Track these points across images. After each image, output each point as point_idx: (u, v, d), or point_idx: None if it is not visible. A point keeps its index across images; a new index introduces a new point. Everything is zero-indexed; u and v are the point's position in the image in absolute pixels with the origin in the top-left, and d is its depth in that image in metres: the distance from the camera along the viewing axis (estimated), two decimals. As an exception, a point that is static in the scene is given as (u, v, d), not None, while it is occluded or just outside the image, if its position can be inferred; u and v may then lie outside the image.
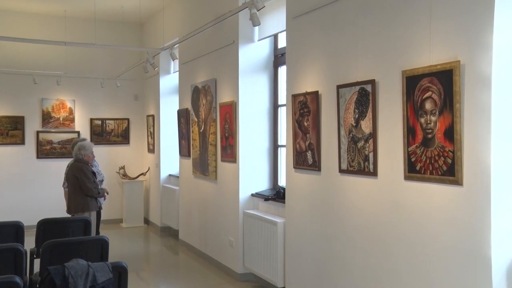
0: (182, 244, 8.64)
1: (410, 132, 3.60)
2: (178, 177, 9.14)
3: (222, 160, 6.94)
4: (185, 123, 8.43)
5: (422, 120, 3.48)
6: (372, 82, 3.99)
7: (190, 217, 8.26)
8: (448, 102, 3.26)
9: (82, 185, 6.37)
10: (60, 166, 8.27)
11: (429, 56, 3.44)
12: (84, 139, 7.26)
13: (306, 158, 4.98)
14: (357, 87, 4.15)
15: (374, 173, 4.01)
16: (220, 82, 7.01)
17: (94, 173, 6.63)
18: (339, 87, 4.39)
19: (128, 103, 10.96)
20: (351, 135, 4.26)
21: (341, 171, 4.43)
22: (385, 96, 3.89)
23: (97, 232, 6.80)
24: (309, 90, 4.91)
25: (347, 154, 4.32)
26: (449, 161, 3.28)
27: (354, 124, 4.21)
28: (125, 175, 10.64)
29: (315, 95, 4.79)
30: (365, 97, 4.07)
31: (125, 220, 10.56)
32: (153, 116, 10.32)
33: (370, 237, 4.12)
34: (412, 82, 3.55)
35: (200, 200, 7.79)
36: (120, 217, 10.81)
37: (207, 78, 7.42)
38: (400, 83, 3.69)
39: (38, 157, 10.13)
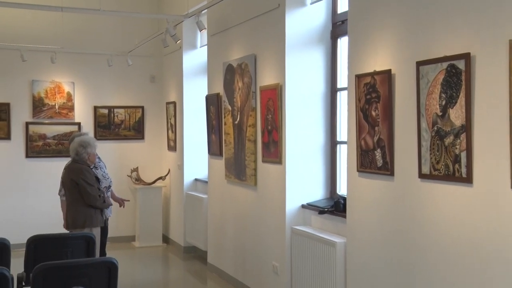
0: (212, 270, 8.68)
1: (518, 124, 3.52)
2: (206, 182, 9.18)
3: (263, 161, 6.94)
4: (215, 113, 8.44)
5: (536, 107, 3.39)
6: (466, 57, 3.91)
7: (222, 235, 8.29)
8: None
9: (82, 192, 6.46)
10: (56, 167, 8.37)
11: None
12: (85, 134, 7.35)
13: (374, 158, 4.95)
14: (445, 64, 4.09)
15: (468, 179, 3.94)
16: (261, 59, 7.00)
17: (97, 179, 6.70)
18: (419, 64, 4.35)
19: (142, 86, 11.08)
20: (435, 128, 4.21)
21: (421, 176, 4.38)
22: (484, 75, 3.82)
23: (103, 253, 6.89)
24: (379, 68, 4.87)
25: (430, 154, 4.27)
26: None
27: (440, 114, 4.16)
28: (138, 180, 10.75)
29: (387, 75, 4.74)
30: (455, 77, 4.01)
31: (138, 238, 10.69)
32: (174, 103, 10.40)
33: (464, 266, 4.04)
34: (523, 57, 3.46)
35: (235, 212, 7.81)
36: (132, 233, 10.95)
37: (244, 54, 7.42)
38: (506, 58, 3.61)
39: (27, 155, 10.34)
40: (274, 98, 6.62)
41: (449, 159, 4.10)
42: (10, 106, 10.22)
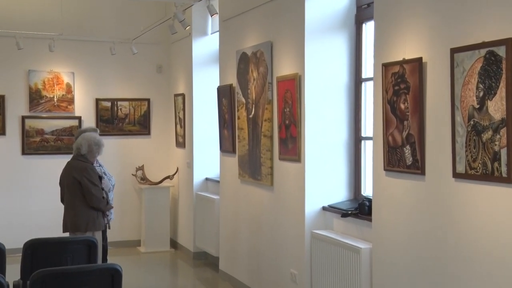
0: (224, 278, 8.69)
1: None
2: (218, 182, 9.20)
3: (280, 159, 6.93)
4: (228, 106, 8.45)
5: None
6: (507, 43, 3.87)
7: (235, 240, 8.30)
8: None
9: (86, 192, 6.48)
10: (55, 165, 8.39)
11: None
12: (94, 129, 7.38)
13: (403, 156, 4.94)
14: (483, 51, 4.06)
15: (508, 179, 3.91)
16: (278, 47, 6.99)
17: (100, 178, 6.73)
18: (454, 51, 4.31)
19: (148, 77, 11.10)
20: (472, 123, 4.19)
21: (456, 175, 4.36)
22: (526, 63, 3.78)
23: (104, 260, 6.91)
24: (408, 56, 4.85)
25: (466, 151, 4.24)
26: None
27: (477, 106, 4.13)
28: (144, 179, 10.78)
29: (418, 63, 4.73)
30: (495, 65, 3.97)
31: (144, 243, 10.72)
32: (183, 95, 10.41)
33: (504, 274, 4.01)
34: None
35: (250, 215, 7.82)
36: (137, 238, 10.99)
37: (260, 41, 7.42)
38: (549, 45, 3.56)
39: (24, 152, 10.39)
40: (292, 89, 6.61)
41: (487, 157, 4.06)
42: (4, 99, 10.26)
